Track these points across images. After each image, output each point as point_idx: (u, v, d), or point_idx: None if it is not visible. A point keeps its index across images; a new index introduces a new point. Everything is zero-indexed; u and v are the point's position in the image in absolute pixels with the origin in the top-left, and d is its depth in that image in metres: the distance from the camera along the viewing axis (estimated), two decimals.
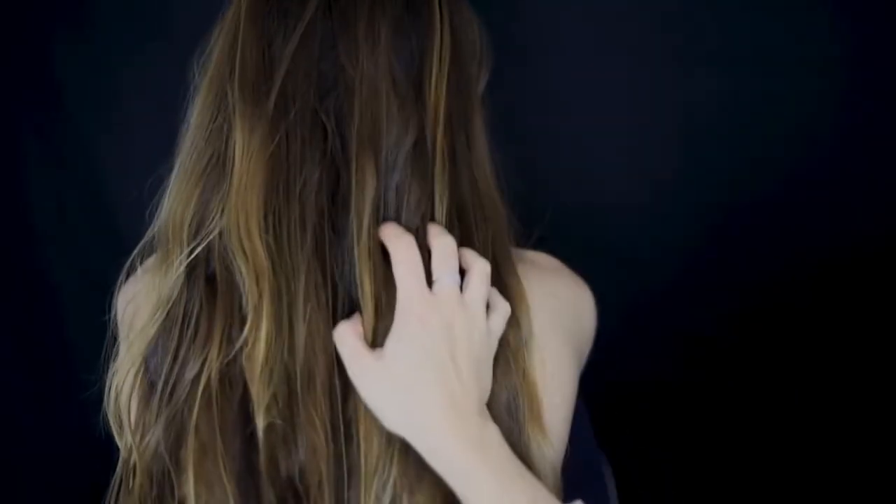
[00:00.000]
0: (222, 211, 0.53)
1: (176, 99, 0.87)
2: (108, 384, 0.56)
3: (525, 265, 0.59)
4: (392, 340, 0.50)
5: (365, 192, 0.53)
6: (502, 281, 0.56)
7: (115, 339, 0.62)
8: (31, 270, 1.05)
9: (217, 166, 0.55)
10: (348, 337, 0.51)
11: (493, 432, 0.50)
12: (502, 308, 0.54)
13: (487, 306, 0.53)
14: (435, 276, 0.52)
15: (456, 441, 0.49)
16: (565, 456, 0.58)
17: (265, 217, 0.52)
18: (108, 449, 0.81)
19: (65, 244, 1.05)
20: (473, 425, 0.49)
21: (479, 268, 0.53)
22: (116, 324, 0.62)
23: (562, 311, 0.59)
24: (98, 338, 0.62)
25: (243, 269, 0.52)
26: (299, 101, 0.54)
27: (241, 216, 0.52)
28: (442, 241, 0.52)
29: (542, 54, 0.97)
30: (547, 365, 0.56)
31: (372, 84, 0.54)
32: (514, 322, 0.55)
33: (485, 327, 0.52)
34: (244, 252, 0.52)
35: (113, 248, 1.03)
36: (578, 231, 1.00)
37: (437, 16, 0.57)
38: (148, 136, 0.99)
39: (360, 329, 0.51)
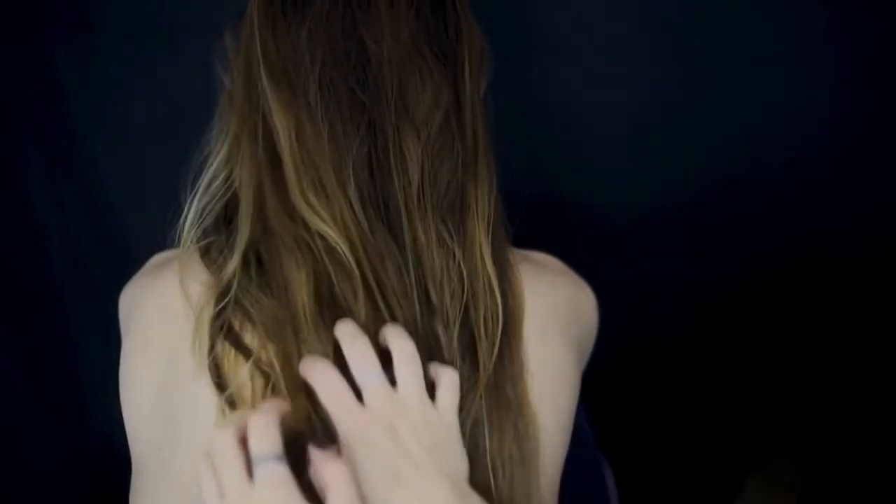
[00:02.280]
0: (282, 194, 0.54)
1: (175, 99, 0.87)
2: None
3: (527, 265, 0.59)
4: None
5: (408, 161, 0.54)
6: (504, 278, 0.56)
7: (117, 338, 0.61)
8: (31, 270, 1.05)
9: (267, 155, 0.55)
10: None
11: None
12: (446, 378, 0.51)
13: (431, 386, 0.50)
14: (358, 382, 0.49)
15: None
16: (566, 457, 0.58)
17: (329, 196, 0.53)
18: (107, 448, 0.81)
19: (65, 244, 1.05)
20: None
21: (400, 352, 0.50)
22: (119, 322, 0.62)
23: (563, 312, 0.59)
24: (98, 338, 0.62)
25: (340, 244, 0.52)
26: (332, 81, 0.55)
27: (304, 199, 0.53)
28: (354, 344, 0.50)
29: (542, 54, 0.97)
30: (549, 365, 0.56)
31: (398, 56, 0.55)
32: (512, 318, 0.55)
33: (430, 411, 0.49)
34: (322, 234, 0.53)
35: (113, 247, 1.04)
36: (578, 231, 1.00)
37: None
38: (148, 137, 0.99)
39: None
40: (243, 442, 0.46)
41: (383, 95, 0.54)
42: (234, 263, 0.54)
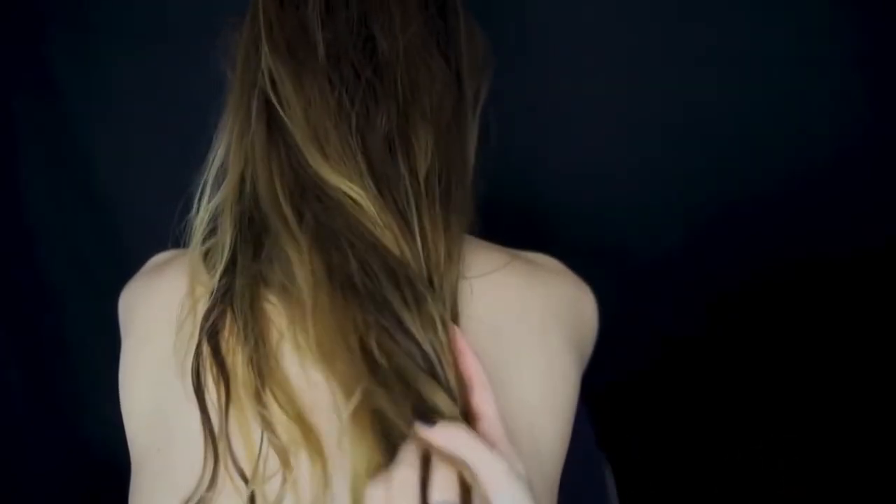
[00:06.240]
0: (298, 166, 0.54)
1: (173, 98, 0.87)
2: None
3: (527, 266, 0.59)
4: None
5: (417, 148, 0.54)
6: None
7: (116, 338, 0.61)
8: (30, 271, 1.05)
9: (268, 134, 0.56)
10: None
11: None
12: None
13: None
14: None
15: None
16: (566, 456, 0.58)
17: (345, 162, 0.53)
18: (107, 448, 0.81)
19: (63, 244, 1.05)
20: None
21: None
22: (119, 322, 0.62)
23: (563, 312, 0.59)
24: (98, 338, 0.62)
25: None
26: (344, 60, 0.56)
27: (325, 161, 0.53)
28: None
29: (542, 55, 0.97)
30: (549, 366, 0.56)
31: (408, 50, 0.56)
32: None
33: None
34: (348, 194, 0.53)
35: (113, 247, 1.04)
36: (578, 231, 1.00)
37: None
38: (146, 135, 0.99)
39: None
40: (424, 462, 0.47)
41: (392, 83, 0.55)
42: (223, 262, 0.55)
